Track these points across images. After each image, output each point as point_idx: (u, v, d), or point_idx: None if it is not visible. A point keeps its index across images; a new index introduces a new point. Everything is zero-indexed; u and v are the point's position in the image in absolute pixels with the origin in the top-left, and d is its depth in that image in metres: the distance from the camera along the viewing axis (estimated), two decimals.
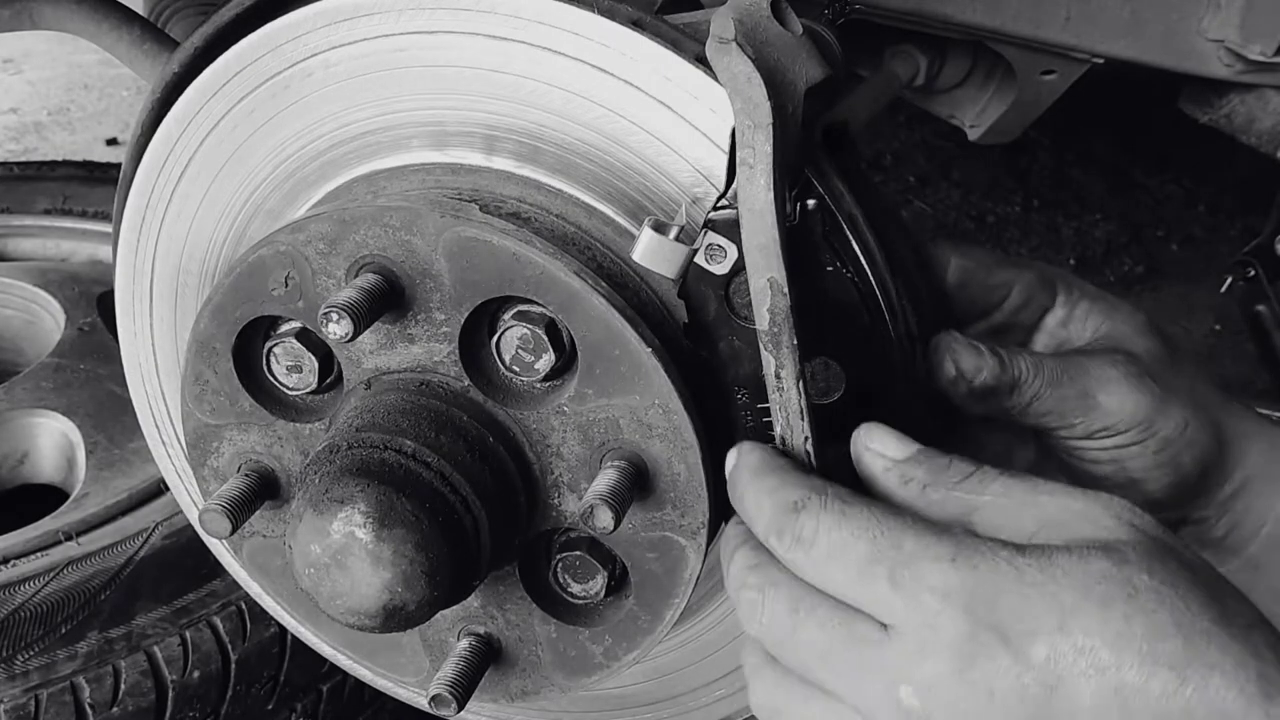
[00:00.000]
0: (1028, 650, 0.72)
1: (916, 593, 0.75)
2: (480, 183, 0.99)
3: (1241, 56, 1.59)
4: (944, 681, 0.74)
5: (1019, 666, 0.72)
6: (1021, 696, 0.72)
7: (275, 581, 1.08)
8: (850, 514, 0.79)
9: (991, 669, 0.73)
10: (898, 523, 0.78)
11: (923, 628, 0.74)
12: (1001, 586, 0.73)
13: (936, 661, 0.74)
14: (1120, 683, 0.70)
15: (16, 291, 2.27)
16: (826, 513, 0.80)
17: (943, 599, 0.74)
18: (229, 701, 1.61)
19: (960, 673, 0.73)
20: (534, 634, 1.03)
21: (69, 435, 1.96)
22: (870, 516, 0.79)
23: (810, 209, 0.90)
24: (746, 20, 0.84)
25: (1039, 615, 0.72)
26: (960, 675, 0.73)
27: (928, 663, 0.74)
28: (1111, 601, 0.72)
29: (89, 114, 4.73)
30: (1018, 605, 0.73)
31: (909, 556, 0.76)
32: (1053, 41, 1.67)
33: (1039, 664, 0.72)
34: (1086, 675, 0.71)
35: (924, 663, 0.74)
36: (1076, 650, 0.71)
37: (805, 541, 0.80)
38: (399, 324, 0.95)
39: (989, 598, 0.73)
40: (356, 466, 0.91)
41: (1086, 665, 0.71)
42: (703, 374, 0.93)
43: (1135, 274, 3.80)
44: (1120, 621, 0.71)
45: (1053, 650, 0.72)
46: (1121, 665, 0.70)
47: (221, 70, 1.02)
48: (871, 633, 0.77)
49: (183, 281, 1.12)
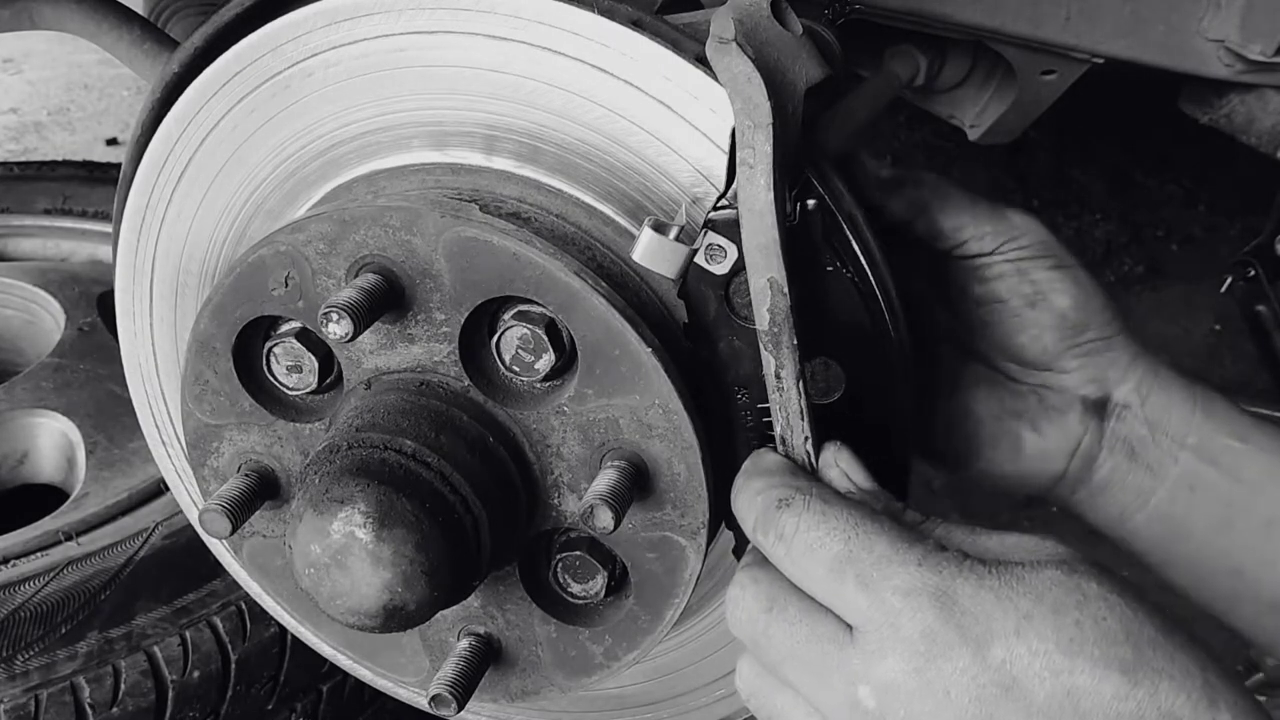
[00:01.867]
0: (985, 652, 0.74)
1: (881, 593, 0.77)
2: (480, 183, 0.99)
3: (1241, 56, 1.59)
4: (901, 680, 0.75)
5: (976, 667, 0.74)
6: (976, 696, 0.74)
7: (275, 581, 1.08)
8: (830, 514, 0.81)
9: (949, 668, 0.74)
10: (873, 526, 0.80)
11: (884, 626, 0.76)
12: (963, 590, 0.76)
13: (895, 660, 0.76)
14: (1073, 685, 0.73)
15: (16, 291, 2.28)
16: (808, 511, 0.82)
17: (905, 597, 0.76)
18: (229, 701, 1.61)
19: (918, 671, 0.75)
20: (534, 634, 1.03)
21: (69, 435, 1.96)
22: (848, 518, 0.81)
23: (810, 209, 0.90)
24: (746, 20, 0.84)
25: (997, 618, 0.75)
26: (917, 674, 0.75)
27: (886, 661, 0.76)
28: (1064, 608, 0.75)
29: (89, 114, 4.73)
30: (977, 608, 0.75)
31: (879, 559, 0.78)
32: (1053, 41, 1.67)
33: (995, 665, 0.74)
34: (1041, 677, 0.73)
35: (883, 661, 0.76)
36: (1031, 653, 0.73)
37: (786, 538, 0.82)
38: (399, 324, 0.95)
39: (950, 600, 0.76)
40: (356, 466, 0.91)
41: (1041, 667, 0.73)
42: (703, 374, 0.93)
43: (1135, 274, 3.81)
44: (1073, 627, 0.74)
45: (1009, 653, 0.74)
46: (1075, 669, 0.73)
47: (222, 70, 1.02)
48: (837, 633, 0.79)
49: (183, 281, 1.12)
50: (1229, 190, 3.98)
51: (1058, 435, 1.12)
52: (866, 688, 0.76)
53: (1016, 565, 0.77)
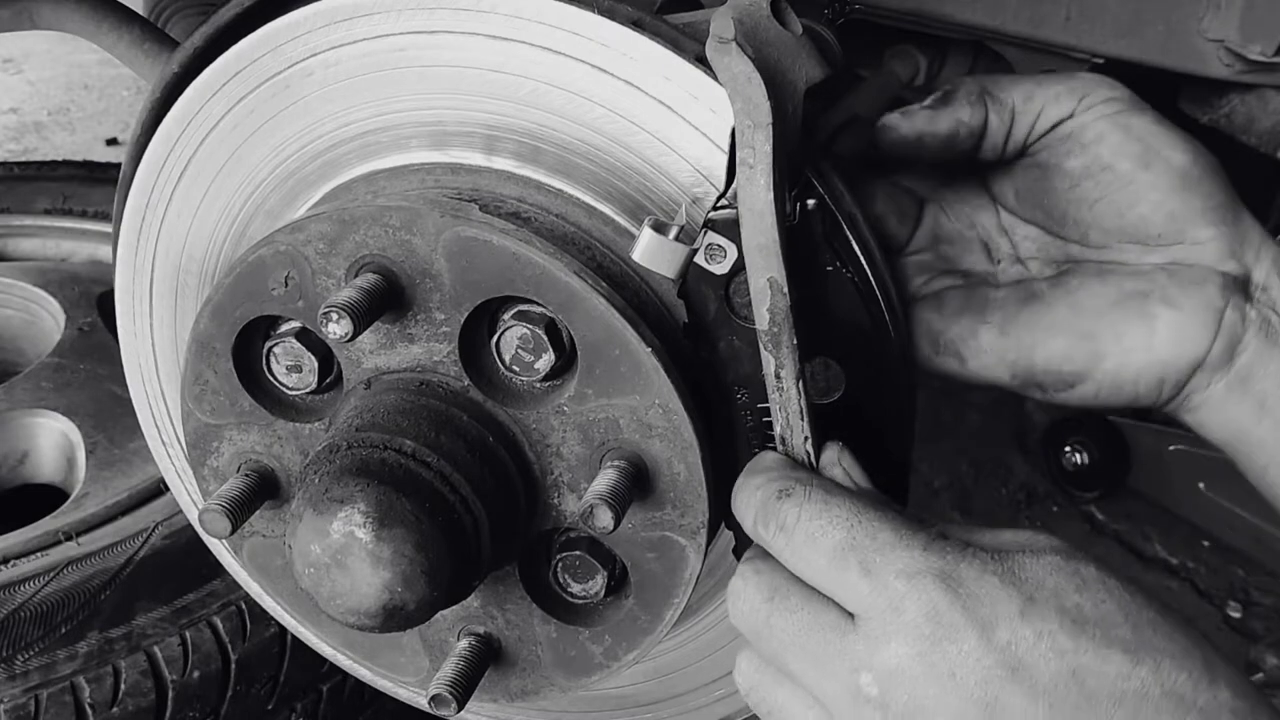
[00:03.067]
0: (991, 634, 0.75)
1: (884, 577, 0.77)
2: (480, 183, 0.99)
3: (1241, 56, 1.59)
4: (905, 665, 0.76)
5: (982, 649, 0.74)
6: (983, 679, 0.74)
7: (275, 581, 1.08)
8: (831, 503, 0.81)
9: (954, 651, 0.75)
10: (876, 515, 0.80)
11: (887, 611, 0.77)
12: (967, 574, 0.76)
13: (899, 644, 0.76)
14: (1078, 665, 0.73)
15: (16, 291, 2.28)
16: (809, 501, 0.82)
17: (909, 580, 0.77)
18: (229, 701, 1.61)
19: (922, 655, 0.75)
20: (534, 634, 1.03)
21: (69, 435, 1.96)
22: (851, 507, 0.81)
23: (810, 209, 0.90)
24: (746, 20, 0.84)
25: (1002, 601, 0.75)
26: (922, 658, 0.75)
27: (890, 647, 0.76)
28: (1065, 592, 0.76)
29: (89, 114, 4.73)
30: (982, 591, 0.76)
31: (882, 545, 0.78)
32: (1053, 41, 1.67)
33: (1001, 646, 0.74)
34: (1046, 658, 0.74)
35: (886, 647, 0.76)
36: (1037, 635, 0.74)
37: (787, 529, 0.82)
38: (399, 324, 0.95)
39: (956, 581, 0.76)
40: (356, 466, 0.91)
41: (1046, 649, 0.74)
42: (703, 374, 0.93)
43: None
44: (1075, 609, 0.75)
45: (1014, 634, 0.74)
46: (1079, 649, 0.74)
47: (221, 70, 1.02)
48: (839, 621, 0.79)
49: (183, 281, 1.12)
50: None
51: (1197, 307, 0.96)
52: (869, 675, 0.76)
53: (1017, 552, 0.78)
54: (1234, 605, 2.76)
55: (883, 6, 1.62)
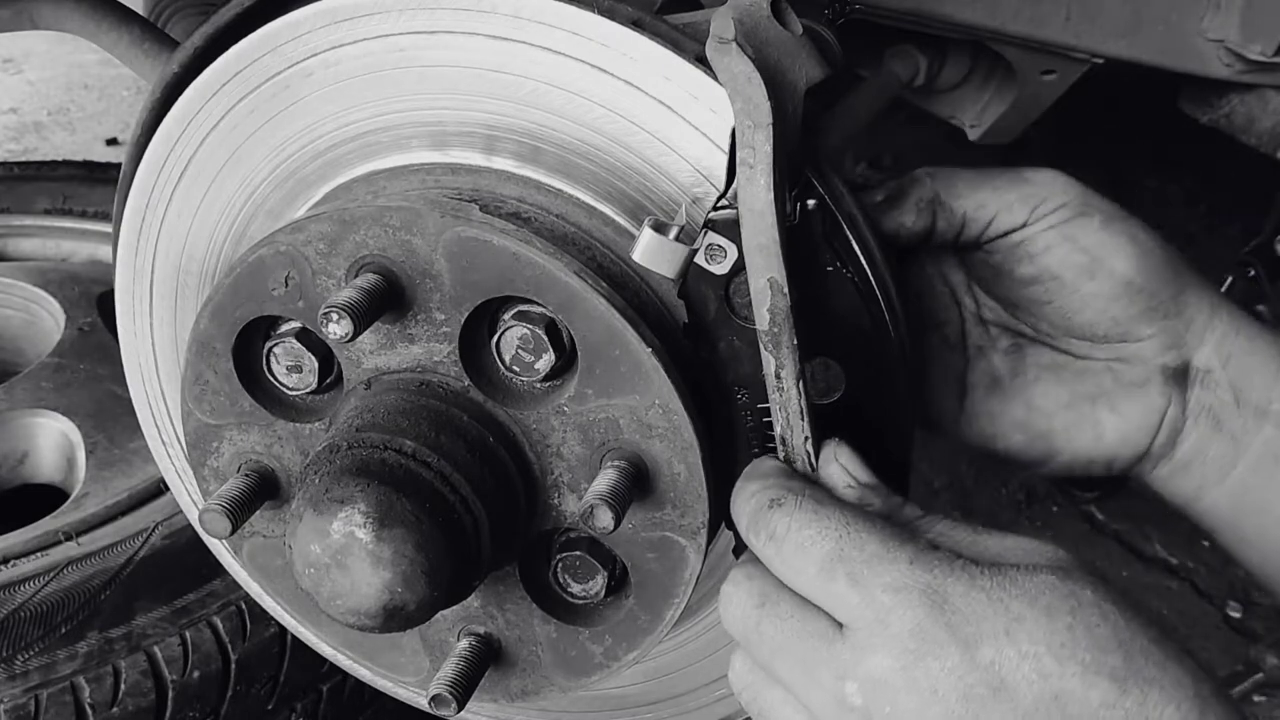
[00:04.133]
0: (974, 652, 0.74)
1: (871, 590, 0.77)
2: (480, 183, 0.99)
3: (1241, 56, 1.59)
4: (889, 677, 0.75)
5: (964, 666, 0.74)
6: (964, 696, 0.74)
7: (275, 581, 1.08)
8: (821, 514, 0.81)
9: (937, 667, 0.74)
10: (865, 526, 0.80)
11: (874, 623, 0.76)
12: (954, 589, 0.76)
13: (883, 656, 0.76)
14: (1061, 689, 0.73)
15: (16, 291, 2.27)
16: (800, 511, 0.82)
17: (895, 594, 0.76)
18: (229, 701, 1.61)
19: (905, 669, 0.75)
20: (534, 634, 1.03)
21: (69, 435, 1.96)
22: (840, 518, 0.81)
23: (810, 209, 0.90)
24: (746, 20, 0.84)
25: (987, 619, 0.74)
26: (905, 671, 0.75)
27: (874, 658, 0.76)
28: (1057, 613, 0.74)
29: (89, 114, 4.73)
30: (968, 608, 0.75)
31: (870, 557, 0.78)
32: (1053, 41, 1.67)
33: (984, 665, 0.74)
34: (1029, 680, 0.73)
35: (871, 658, 0.76)
36: (1021, 655, 0.73)
37: (777, 538, 0.82)
38: (399, 324, 0.95)
39: (941, 598, 0.75)
40: (356, 466, 0.91)
41: (1030, 670, 0.73)
42: (703, 374, 0.93)
43: None
44: (1065, 632, 0.74)
45: (998, 654, 0.74)
46: (1064, 673, 0.73)
47: (221, 70, 1.02)
48: (827, 630, 0.79)
49: (183, 281, 1.12)
50: (1229, 190, 3.98)
51: (1140, 412, 1.05)
52: (854, 684, 0.76)
53: (1011, 567, 0.77)
54: (1234, 605, 2.75)
55: (883, 6, 1.62)
